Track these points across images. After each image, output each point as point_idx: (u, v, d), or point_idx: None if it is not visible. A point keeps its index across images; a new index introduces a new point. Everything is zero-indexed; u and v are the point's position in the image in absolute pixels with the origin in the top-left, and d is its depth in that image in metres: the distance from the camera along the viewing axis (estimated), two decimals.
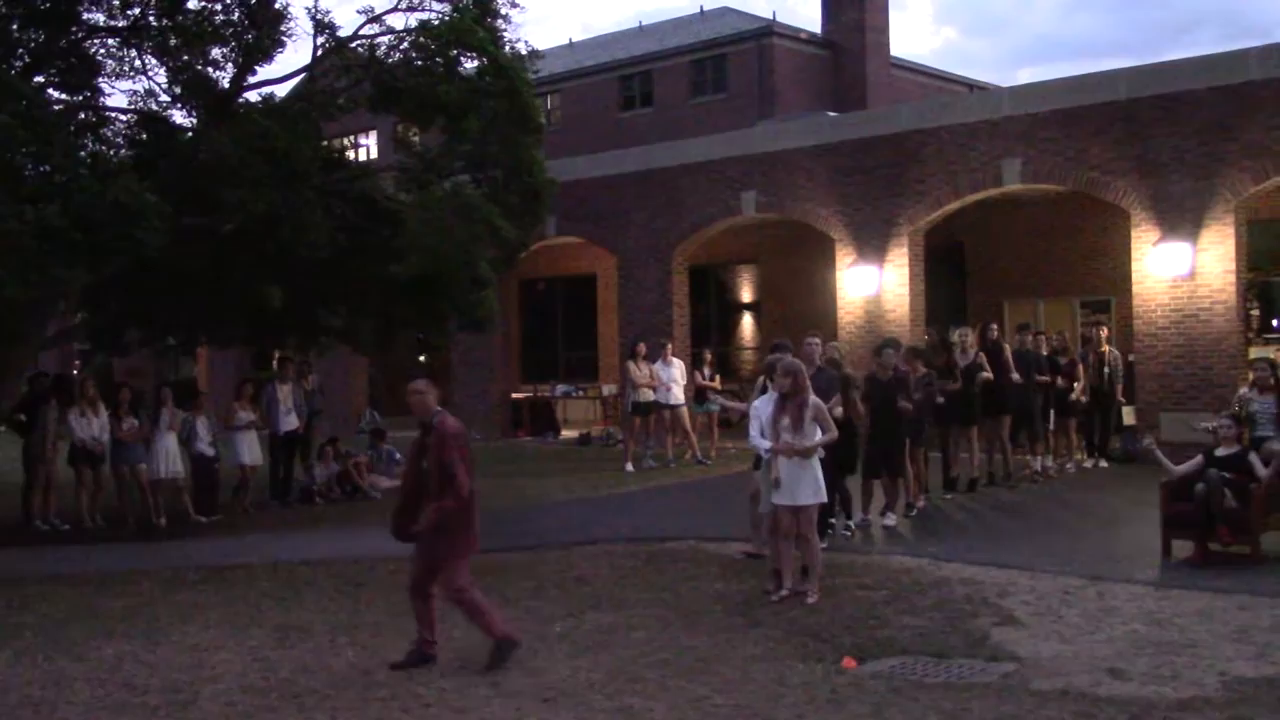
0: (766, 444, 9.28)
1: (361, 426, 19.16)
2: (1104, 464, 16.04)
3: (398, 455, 17.80)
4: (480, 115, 14.64)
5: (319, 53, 14.74)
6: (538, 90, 17.18)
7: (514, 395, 25.59)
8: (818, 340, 11.24)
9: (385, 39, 14.76)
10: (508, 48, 14.75)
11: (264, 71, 15.12)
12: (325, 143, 15.93)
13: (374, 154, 36.23)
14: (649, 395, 17.84)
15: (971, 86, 38.60)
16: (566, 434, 24.08)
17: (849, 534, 11.54)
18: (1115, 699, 6.44)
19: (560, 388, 25.77)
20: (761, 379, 10.79)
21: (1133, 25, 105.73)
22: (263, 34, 13.89)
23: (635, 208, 22.34)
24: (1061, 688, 6.69)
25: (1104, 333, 16.54)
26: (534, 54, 15.32)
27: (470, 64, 14.84)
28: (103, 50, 14.54)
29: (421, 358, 29.47)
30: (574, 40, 42.59)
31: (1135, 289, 16.68)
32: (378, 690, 7.03)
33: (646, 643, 7.92)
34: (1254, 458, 9.86)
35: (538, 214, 16.11)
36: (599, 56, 37.20)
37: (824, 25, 35.39)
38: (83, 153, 13.27)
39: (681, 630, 8.23)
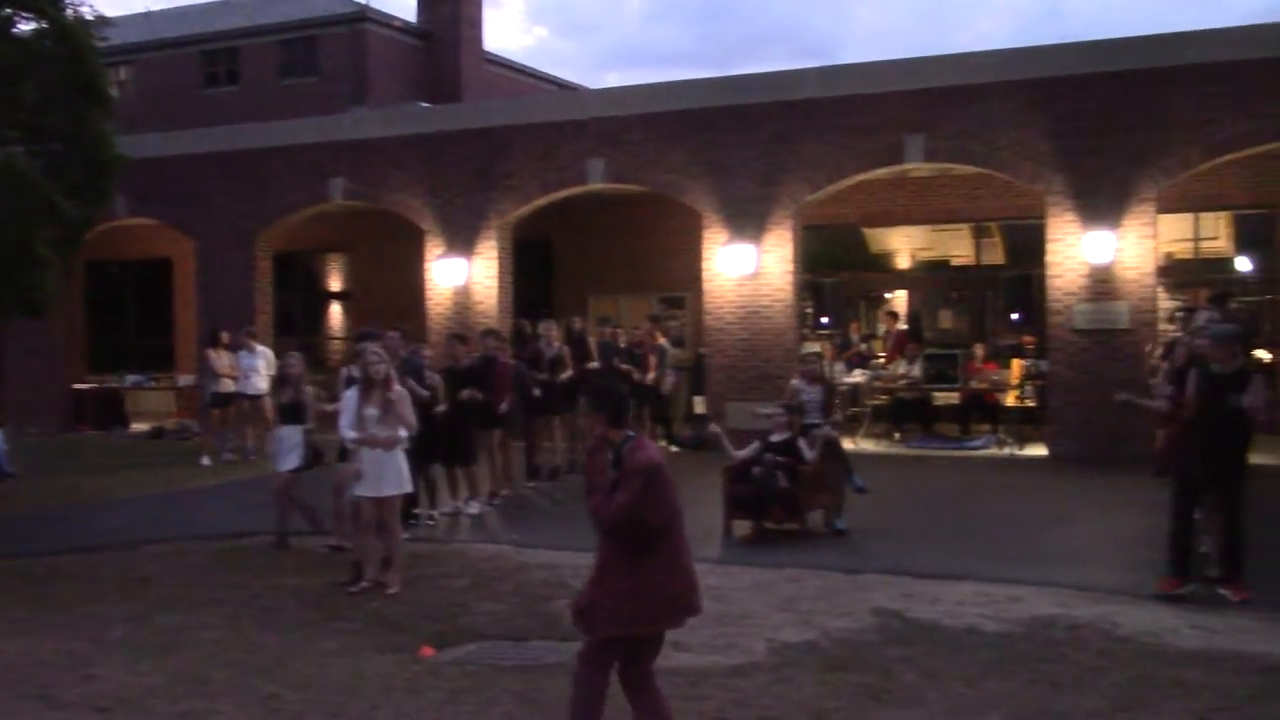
0: (353, 434, 9.17)
1: None
2: (673, 449, 17.00)
3: None
4: (38, 82, 13.47)
5: None
6: (108, 60, 16.06)
7: (77, 386, 23.68)
8: (398, 334, 11.38)
9: None
10: (70, 10, 13.67)
11: None
12: None
13: None
14: (230, 385, 17.15)
15: (562, 86, 39.69)
16: (137, 427, 22.61)
17: (433, 523, 11.61)
18: (676, 669, 6.85)
19: (131, 378, 24.11)
20: (346, 370, 10.67)
21: (711, 39, 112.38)
22: None
23: (217, 190, 21.31)
24: None
25: (656, 328, 17.29)
26: (102, 20, 14.28)
27: (27, 26, 13.64)
28: None
29: None
30: (151, 10, 39.93)
31: (706, 287, 17.79)
32: None
33: (216, 643, 7.60)
34: (802, 443, 10.79)
35: (104, 191, 15.00)
36: (180, 29, 35.13)
37: (419, 15, 35.24)
38: None
39: (254, 628, 7.97)
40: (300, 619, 8.24)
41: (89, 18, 13.92)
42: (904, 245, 21.20)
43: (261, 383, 17.29)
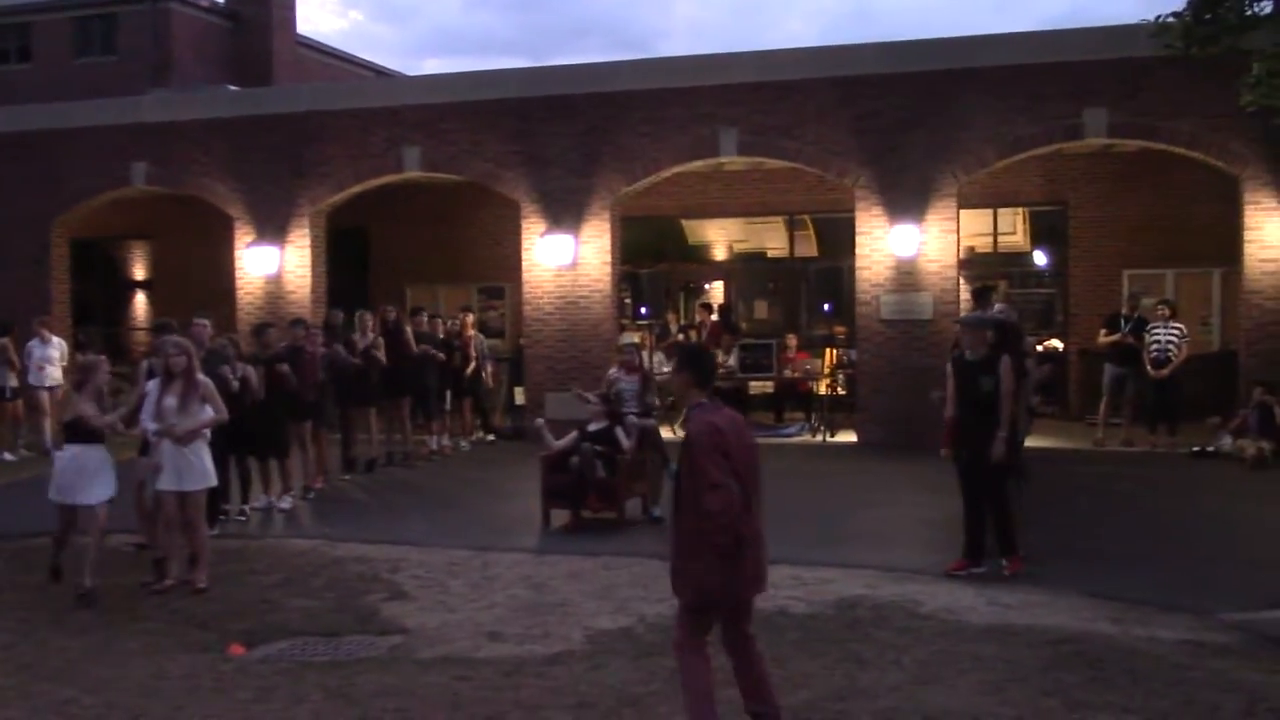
0: (154, 426, 8.85)
1: None
2: (490, 438, 16.94)
3: None
4: None
5: None
6: None
7: None
8: (207, 322, 10.97)
9: None
10: None
11: None
12: None
13: None
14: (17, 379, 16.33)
15: (379, 72, 38.96)
16: None
17: (244, 518, 11.30)
18: (492, 660, 6.85)
19: None
20: (146, 362, 10.29)
21: (528, 27, 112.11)
22: None
23: (7, 174, 20.15)
24: (444, 654, 7.01)
25: (469, 318, 17.18)
26: None
27: None
28: None
29: None
30: None
31: (525, 277, 17.73)
32: None
33: (7, 648, 7.25)
34: (619, 432, 10.89)
35: None
36: None
37: None
38: None
39: (50, 631, 7.63)
40: (100, 620, 7.91)
41: None
42: (721, 237, 21.58)
43: (57, 373, 16.52)
